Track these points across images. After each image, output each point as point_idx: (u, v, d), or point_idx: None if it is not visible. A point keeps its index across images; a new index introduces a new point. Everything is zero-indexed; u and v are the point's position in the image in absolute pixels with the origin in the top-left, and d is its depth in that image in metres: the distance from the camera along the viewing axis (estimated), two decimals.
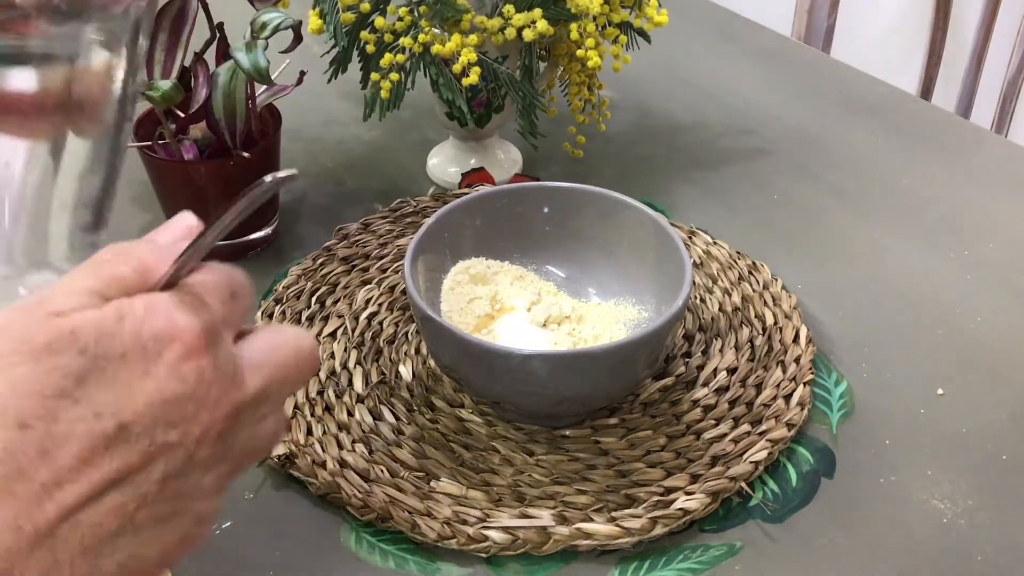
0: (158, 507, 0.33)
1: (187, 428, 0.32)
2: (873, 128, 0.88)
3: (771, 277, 0.68)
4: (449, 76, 0.70)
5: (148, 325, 0.32)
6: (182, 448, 0.32)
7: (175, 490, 0.33)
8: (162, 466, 0.32)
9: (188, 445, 0.33)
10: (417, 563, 0.51)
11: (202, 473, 0.34)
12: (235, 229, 0.62)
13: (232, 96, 0.64)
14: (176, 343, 0.32)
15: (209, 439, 0.33)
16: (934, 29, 1.68)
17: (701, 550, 0.52)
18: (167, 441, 0.32)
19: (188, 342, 0.32)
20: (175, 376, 0.32)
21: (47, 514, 0.29)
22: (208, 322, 0.33)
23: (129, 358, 0.31)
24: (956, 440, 0.58)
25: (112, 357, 0.31)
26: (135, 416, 0.31)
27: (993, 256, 0.73)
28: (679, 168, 0.83)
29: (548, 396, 0.53)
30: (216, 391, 0.33)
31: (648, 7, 0.73)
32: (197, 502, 0.34)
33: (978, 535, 0.53)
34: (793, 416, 0.58)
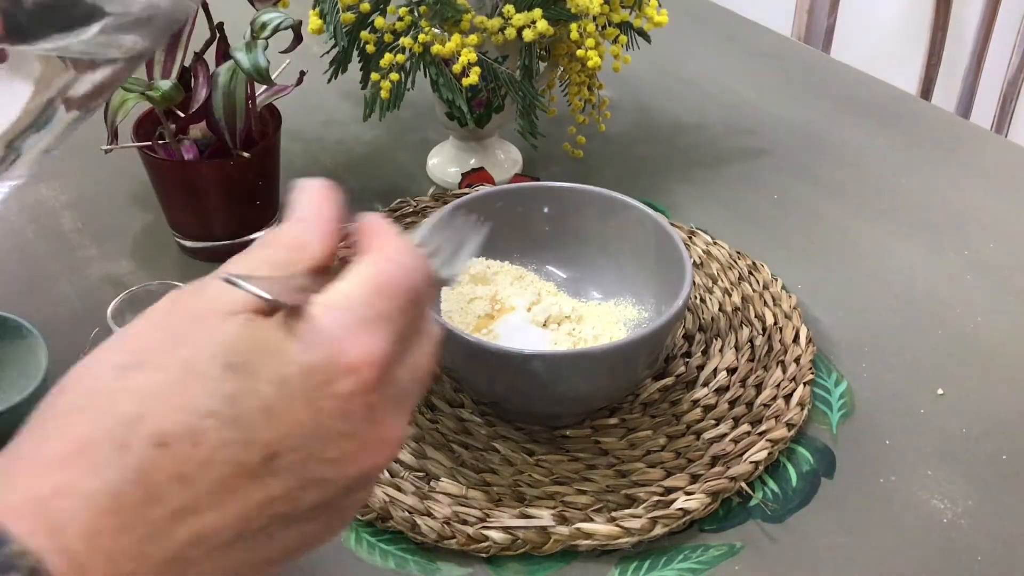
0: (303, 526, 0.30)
1: (345, 467, 0.29)
2: (873, 128, 0.88)
3: (771, 277, 0.68)
4: (449, 76, 0.70)
5: (321, 346, 0.28)
6: (335, 483, 0.29)
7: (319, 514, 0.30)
8: (312, 498, 0.29)
9: (341, 480, 0.29)
10: (417, 563, 0.51)
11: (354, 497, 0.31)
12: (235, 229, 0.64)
13: (232, 96, 0.64)
14: (351, 376, 0.28)
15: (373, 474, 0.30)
16: (934, 29, 1.68)
17: (701, 550, 0.52)
18: (319, 477, 0.29)
19: (364, 376, 0.29)
20: (341, 411, 0.28)
21: (177, 539, 0.26)
22: (388, 350, 0.29)
23: (292, 383, 0.28)
24: (956, 440, 0.58)
25: (269, 378, 0.28)
26: (287, 449, 0.28)
27: (993, 256, 0.73)
28: (679, 168, 0.83)
29: (548, 396, 0.53)
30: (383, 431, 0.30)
31: (648, 7, 0.73)
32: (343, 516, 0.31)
33: (978, 535, 0.53)
34: (793, 416, 0.58)
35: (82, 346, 0.63)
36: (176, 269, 0.70)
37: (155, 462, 0.26)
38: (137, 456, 0.26)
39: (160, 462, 0.26)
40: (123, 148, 0.65)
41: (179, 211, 0.70)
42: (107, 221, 0.75)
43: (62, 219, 0.75)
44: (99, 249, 0.72)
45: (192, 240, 0.71)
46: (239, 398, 0.27)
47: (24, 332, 0.58)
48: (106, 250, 0.72)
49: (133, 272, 0.70)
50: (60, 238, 0.73)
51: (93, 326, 0.64)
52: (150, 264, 0.71)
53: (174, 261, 0.71)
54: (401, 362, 0.30)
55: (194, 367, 0.27)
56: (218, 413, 0.27)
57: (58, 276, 0.70)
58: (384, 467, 0.30)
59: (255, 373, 0.27)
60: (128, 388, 0.27)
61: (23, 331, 0.58)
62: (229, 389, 0.27)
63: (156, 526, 0.26)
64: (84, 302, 0.67)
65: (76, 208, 0.76)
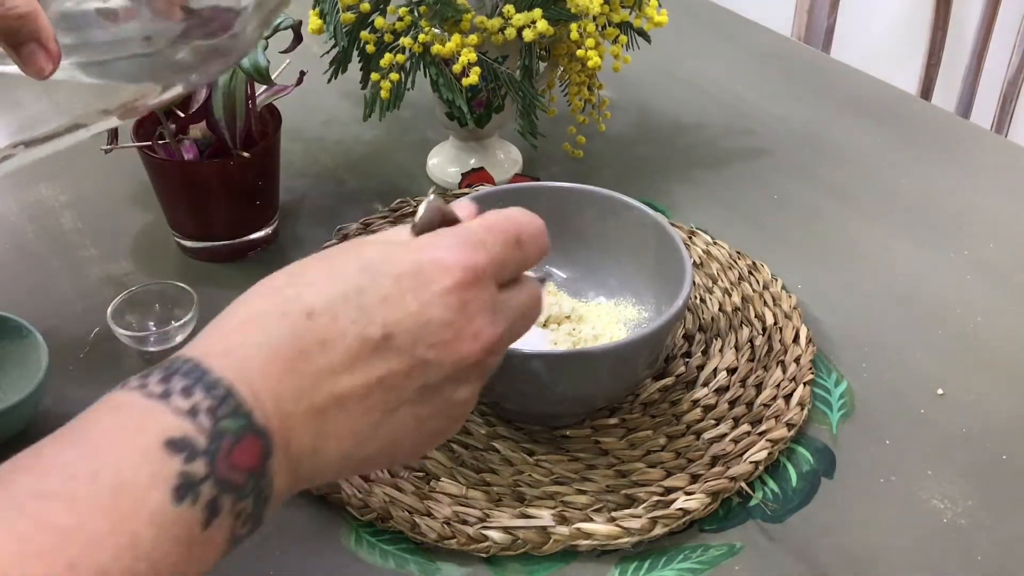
0: (418, 408, 0.37)
1: (444, 352, 0.37)
2: (873, 128, 0.88)
3: (771, 277, 0.68)
4: (449, 76, 0.70)
5: (426, 255, 0.37)
6: (438, 366, 0.37)
7: (432, 397, 0.37)
8: (421, 378, 0.37)
9: (444, 366, 0.37)
10: (417, 563, 0.51)
11: (455, 388, 0.38)
12: (235, 229, 0.65)
13: (232, 96, 0.64)
14: (447, 275, 0.37)
15: (465, 365, 0.37)
16: (934, 29, 1.68)
17: (701, 550, 0.52)
18: (425, 358, 0.36)
19: (458, 276, 0.37)
20: (440, 303, 0.36)
21: (321, 395, 0.35)
22: (481, 263, 0.37)
23: (403, 281, 0.36)
24: (956, 440, 0.58)
25: (389, 275, 0.36)
26: (400, 330, 0.36)
27: (993, 256, 0.73)
28: (679, 168, 0.83)
29: (548, 396, 0.53)
30: (474, 327, 0.37)
31: (648, 7, 0.73)
32: (453, 408, 0.39)
33: (978, 535, 0.53)
34: (793, 416, 0.58)
35: (82, 346, 0.63)
36: (176, 269, 0.70)
37: (305, 327, 0.35)
38: (292, 321, 0.35)
39: (309, 328, 0.35)
40: (123, 148, 0.65)
41: (179, 211, 0.70)
42: (107, 221, 0.75)
43: (62, 219, 0.75)
44: (99, 249, 0.72)
45: (192, 240, 0.71)
46: (365, 288, 0.36)
47: (24, 332, 0.58)
48: (106, 250, 0.72)
49: (133, 272, 0.70)
50: (60, 238, 0.73)
51: (93, 326, 0.64)
52: (150, 264, 0.71)
53: (174, 261, 0.71)
54: (496, 279, 0.38)
55: (338, 268, 0.37)
56: (350, 298, 0.36)
57: (58, 276, 0.70)
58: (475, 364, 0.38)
59: (378, 272, 0.36)
60: (291, 282, 0.37)
61: (23, 331, 0.58)
62: (359, 282, 0.36)
63: (306, 379, 0.34)
64: (84, 302, 0.67)
65: (76, 208, 0.76)
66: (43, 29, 0.43)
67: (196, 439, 0.31)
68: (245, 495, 0.33)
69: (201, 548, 0.32)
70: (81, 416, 0.33)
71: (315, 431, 0.35)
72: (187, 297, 0.64)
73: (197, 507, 0.31)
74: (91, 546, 0.29)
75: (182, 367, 0.33)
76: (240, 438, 0.32)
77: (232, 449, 0.32)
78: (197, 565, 0.32)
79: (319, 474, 0.36)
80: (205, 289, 0.67)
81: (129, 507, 0.30)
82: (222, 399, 0.33)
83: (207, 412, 0.32)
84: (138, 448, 0.31)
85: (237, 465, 0.32)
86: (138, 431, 0.31)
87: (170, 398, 0.32)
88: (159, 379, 0.33)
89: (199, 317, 0.64)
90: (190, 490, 0.31)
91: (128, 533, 0.30)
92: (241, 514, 0.33)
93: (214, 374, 0.33)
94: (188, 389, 0.32)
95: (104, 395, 0.33)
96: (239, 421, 0.33)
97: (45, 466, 0.31)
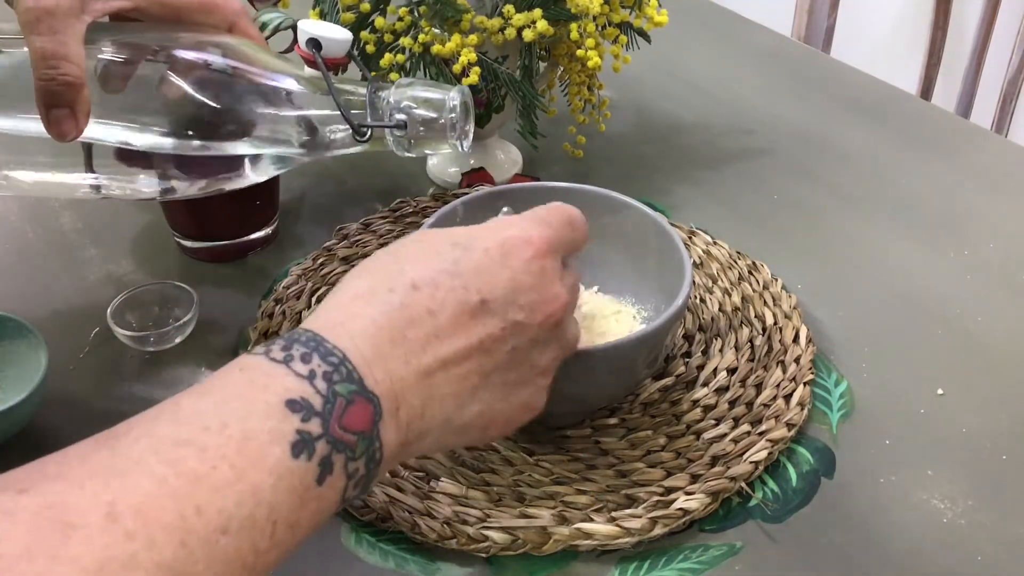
0: (508, 374, 0.42)
1: (531, 313, 0.42)
2: (873, 128, 0.88)
3: (771, 277, 0.68)
4: (449, 76, 0.70)
5: (507, 232, 0.42)
6: (527, 328, 0.42)
7: (520, 362, 0.42)
8: (512, 341, 0.41)
9: (532, 327, 0.42)
10: (417, 563, 0.51)
11: (540, 352, 0.43)
12: (235, 229, 0.66)
13: None
14: (529, 246, 0.42)
15: (547, 325, 0.42)
16: (934, 29, 1.68)
17: (701, 550, 0.52)
18: (516, 320, 0.41)
19: (537, 246, 0.42)
20: (525, 270, 0.42)
21: (427, 359, 0.39)
22: (552, 236, 0.43)
23: (492, 253, 0.41)
24: (956, 440, 0.58)
25: (479, 249, 0.41)
26: (494, 296, 0.41)
27: (993, 256, 0.73)
28: (679, 168, 0.83)
29: (548, 396, 0.53)
30: (555, 289, 0.43)
31: (648, 7, 0.73)
32: (536, 376, 0.44)
33: (978, 535, 0.53)
34: (793, 416, 0.58)
35: (82, 346, 0.63)
36: (176, 269, 0.70)
37: (412, 298, 0.39)
38: (400, 294, 0.39)
39: (415, 298, 0.39)
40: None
41: (179, 211, 0.70)
42: (107, 221, 0.75)
43: (62, 219, 0.75)
44: (99, 249, 0.72)
45: (192, 240, 0.71)
46: (460, 261, 0.41)
47: (24, 332, 0.58)
48: (106, 250, 0.72)
49: (133, 272, 0.70)
50: (60, 238, 0.73)
51: (93, 326, 0.64)
52: (150, 264, 0.71)
53: (174, 261, 0.71)
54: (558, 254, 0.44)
55: (433, 246, 0.42)
56: (448, 270, 0.40)
57: (58, 276, 0.70)
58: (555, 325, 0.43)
59: (469, 246, 0.41)
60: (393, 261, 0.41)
61: (23, 331, 0.58)
62: (455, 256, 0.41)
63: (415, 345, 0.39)
64: (84, 302, 0.67)
65: (76, 208, 0.76)
66: (82, 102, 0.47)
67: (312, 400, 0.35)
68: (357, 455, 0.36)
69: (315, 502, 0.35)
70: (215, 373, 0.36)
71: (423, 393, 0.38)
72: (187, 297, 0.64)
73: (312, 463, 0.34)
74: (217, 492, 0.32)
75: (301, 337, 0.37)
76: (352, 401, 0.36)
77: (344, 411, 0.35)
78: (310, 518, 0.35)
79: (424, 440, 0.40)
80: (205, 289, 0.67)
81: (252, 458, 0.33)
82: (336, 366, 0.36)
83: (323, 377, 0.36)
84: (262, 404, 0.34)
85: (349, 426, 0.35)
86: (262, 389, 0.35)
87: (291, 363, 0.36)
88: (281, 347, 0.37)
89: (199, 317, 0.64)
90: (306, 446, 0.34)
91: (250, 481, 0.32)
92: (354, 474, 0.36)
93: (330, 343, 0.37)
94: (307, 356, 0.36)
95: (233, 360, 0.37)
96: (351, 386, 0.36)
97: (183, 415, 0.34)
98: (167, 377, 0.61)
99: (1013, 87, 1.67)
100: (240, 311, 0.67)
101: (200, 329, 0.64)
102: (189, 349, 0.64)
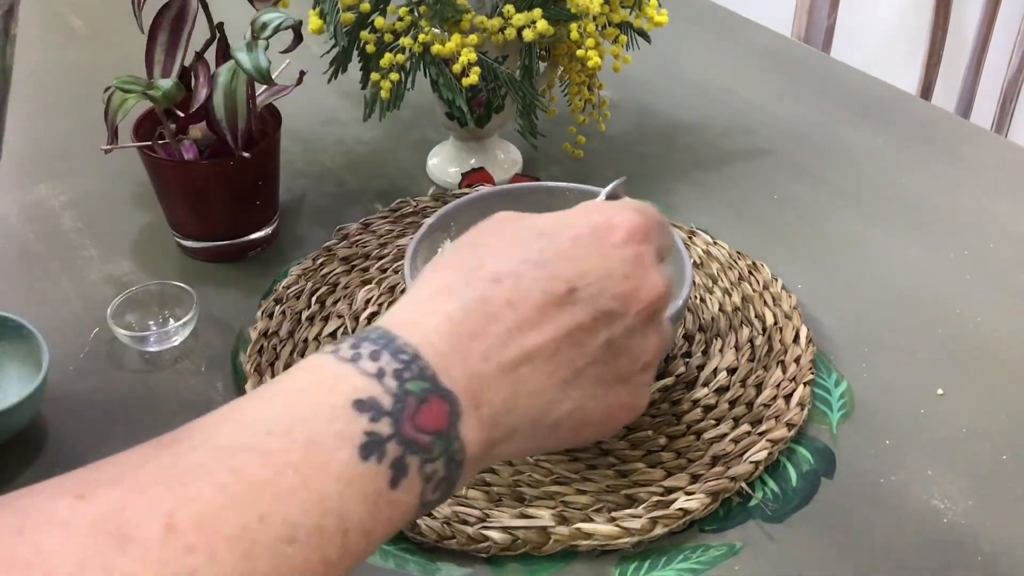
0: (601, 369, 0.39)
1: (626, 301, 0.39)
2: (873, 128, 0.88)
3: (771, 277, 0.68)
4: (449, 76, 0.70)
5: (597, 217, 0.40)
6: (621, 318, 0.39)
7: (616, 355, 0.39)
8: (605, 332, 0.39)
9: (627, 317, 0.39)
10: (417, 563, 0.51)
11: (639, 345, 0.40)
12: (235, 229, 0.64)
13: (233, 96, 0.64)
14: (620, 230, 0.40)
15: (644, 314, 0.40)
16: (934, 29, 1.68)
17: (701, 550, 0.52)
18: (609, 309, 0.39)
19: (630, 230, 0.40)
20: (618, 256, 0.39)
21: (511, 353, 0.37)
22: (647, 223, 0.41)
23: (580, 240, 0.39)
24: (956, 440, 0.58)
25: (566, 236, 0.39)
26: (583, 284, 0.38)
27: (993, 256, 0.73)
28: (679, 168, 0.83)
29: None
30: (651, 277, 0.40)
31: (648, 7, 0.73)
32: (636, 373, 0.40)
33: (978, 535, 0.53)
34: (793, 416, 0.58)
35: (82, 346, 0.63)
36: (176, 269, 0.70)
37: (492, 291, 0.37)
38: (479, 289, 0.37)
39: (495, 291, 0.37)
40: (123, 148, 0.65)
41: (179, 211, 0.70)
42: (107, 221, 0.75)
43: (62, 219, 0.75)
44: (99, 249, 0.72)
45: (192, 240, 0.71)
46: (546, 250, 0.38)
47: (24, 332, 0.58)
48: (106, 250, 0.72)
49: (133, 272, 0.70)
50: (60, 238, 0.73)
51: (93, 326, 0.64)
52: (150, 264, 0.71)
53: (174, 261, 0.71)
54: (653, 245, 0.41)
55: (515, 237, 0.39)
56: (532, 260, 0.38)
57: (58, 276, 0.70)
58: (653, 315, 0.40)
59: (557, 234, 0.39)
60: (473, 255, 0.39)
61: (23, 331, 0.58)
62: (539, 245, 0.39)
63: (496, 339, 0.36)
64: (84, 302, 0.67)
65: (76, 208, 0.76)
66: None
67: (381, 399, 0.33)
68: (434, 457, 0.34)
69: (389, 507, 0.33)
70: (280, 375, 0.35)
71: (506, 389, 0.36)
72: (187, 297, 0.64)
73: (383, 465, 0.32)
74: (281, 500, 0.30)
75: (371, 335, 0.36)
76: (425, 400, 0.34)
77: (417, 410, 0.34)
78: (385, 524, 0.33)
79: (512, 439, 0.37)
80: (205, 289, 0.67)
81: (318, 463, 0.31)
82: (408, 363, 0.34)
83: (393, 375, 0.34)
84: (328, 407, 0.33)
85: (422, 426, 0.34)
86: (329, 391, 0.33)
87: (359, 361, 0.34)
88: (350, 345, 0.35)
89: (199, 317, 0.64)
90: (375, 448, 0.32)
91: (317, 489, 0.31)
92: (432, 477, 0.34)
93: (401, 340, 0.35)
94: (376, 354, 0.34)
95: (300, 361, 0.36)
96: (424, 384, 0.34)
97: (245, 419, 0.32)
98: (167, 377, 0.61)
99: (1013, 87, 1.67)
100: (240, 311, 0.67)
101: (200, 329, 0.64)
102: (189, 349, 0.64)
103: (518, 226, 0.40)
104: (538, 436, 0.38)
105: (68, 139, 0.86)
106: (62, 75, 0.97)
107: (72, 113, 0.89)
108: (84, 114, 0.81)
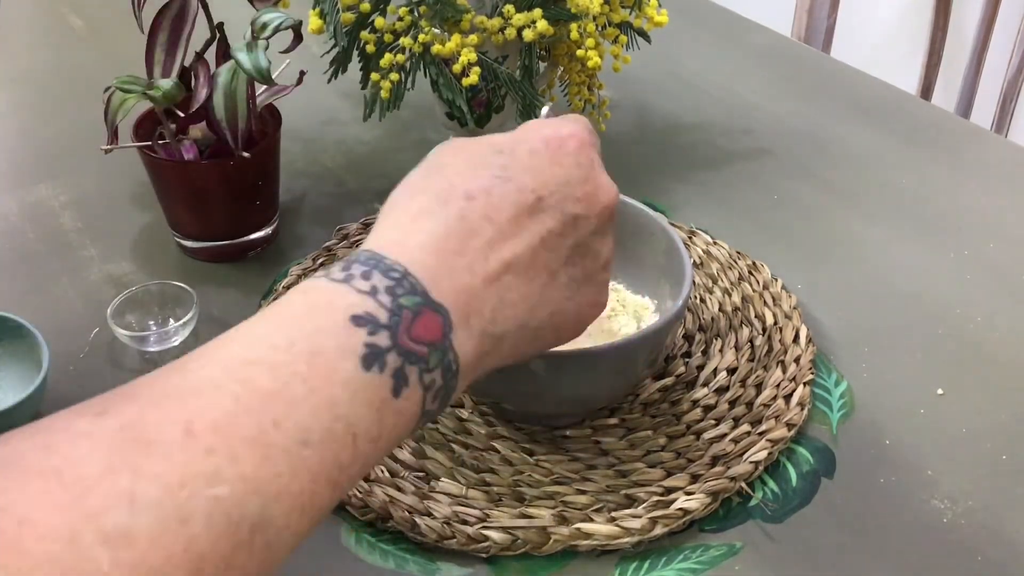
0: (572, 270, 0.42)
1: (589, 204, 0.42)
2: (873, 128, 0.88)
3: (771, 277, 0.68)
4: (449, 76, 0.70)
5: (547, 131, 0.43)
6: (586, 220, 0.42)
7: (583, 255, 0.42)
8: (573, 235, 0.42)
9: (590, 219, 0.42)
10: (417, 563, 0.51)
11: (600, 244, 0.43)
12: (235, 229, 0.65)
13: (233, 96, 0.64)
14: (571, 139, 0.43)
15: (604, 215, 0.43)
16: (934, 29, 1.68)
17: (701, 550, 0.52)
18: (575, 213, 0.41)
19: (582, 138, 0.43)
20: (575, 163, 0.42)
21: (493, 264, 0.39)
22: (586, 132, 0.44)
23: (536, 152, 0.42)
24: (956, 440, 0.58)
25: (522, 151, 0.42)
26: (548, 192, 0.41)
27: (993, 256, 0.73)
28: (679, 168, 0.83)
29: (548, 396, 0.53)
30: (606, 178, 0.44)
31: (648, 7, 0.73)
32: (598, 271, 0.44)
33: (978, 535, 0.53)
34: (793, 416, 0.58)
35: (82, 346, 0.63)
36: (176, 269, 0.70)
37: (468, 208, 0.39)
38: (455, 207, 0.39)
39: (471, 208, 0.39)
40: (123, 148, 0.65)
41: (179, 211, 0.70)
42: (107, 221, 0.75)
43: (62, 219, 0.75)
44: (99, 249, 0.72)
45: (192, 240, 0.71)
46: (508, 166, 0.41)
47: (24, 332, 0.58)
48: (106, 250, 0.72)
49: (133, 272, 0.70)
50: (60, 238, 0.73)
51: (93, 326, 0.64)
52: (150, 264, 0.71)
53: (174, 261, 0.71)
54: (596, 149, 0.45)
55: (476, 156, 0.41)
56: (498, 176, 0.40)
57: (58, 276, 0.70)
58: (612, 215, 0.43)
59: (513, 150, 0.42)
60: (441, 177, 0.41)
61: (23, 331, 0.58)
62: (501, 161, 0.41)
63: (478, 252, 0.38)
64: (84, 302, 0.67)
65: (76, 208, 0.76)
66: None
67: (377, 314, 0.35)
68: (431, 367, 0.36)
69: (394, 416, 0.34)
70: (275, 302, 0.36)
71: (492, 299, 0.38)
72: (187, 297, 0.64)
73: (385, 375, 0.34)
74: (292, 406, 0.32)
75: (360, 256, 0.37)
76: (419, 313, 0.36)
77: (412, 323, 0.35)
78: (390, 431, 0.35)
79: (501, 347, 0.39)
80: (205, 289, 0.67)
81: (324, 373, 0.33)
82: (399, 280, 0.36)
83: (386, 291, 0.35)
84: (327, 322, 0.34)
85: (418, 338, 0.35)
86: (326, 308, 0.35)
87: (351, 281, 0.36)
88: (341, 268, 0.37)
89: (199, 317, 0.64)
90: (376, 359, 0.34)
91: (325, 395, 0.32)
92: (431, 386, 0.36)
93: (390, 259, 0.37)
94: (367, 273, 0.36)
95: None
96: (416, 298, 0.36)
97: (250, 337, 0.34)
98: None
99: (1013, 87, 1.67)
100: (240, 311, 0.67)
101: (200, 329, 0.64)
102: (189, 349, 0.63)
103: (475, 146, 0.42)
104: (523, 341, 0.41)
105: (68, 139, 0.86)
106: (62, 75, 0.97)
107: (72, 113, 0.89)
108: (84, 114, 0.81)
